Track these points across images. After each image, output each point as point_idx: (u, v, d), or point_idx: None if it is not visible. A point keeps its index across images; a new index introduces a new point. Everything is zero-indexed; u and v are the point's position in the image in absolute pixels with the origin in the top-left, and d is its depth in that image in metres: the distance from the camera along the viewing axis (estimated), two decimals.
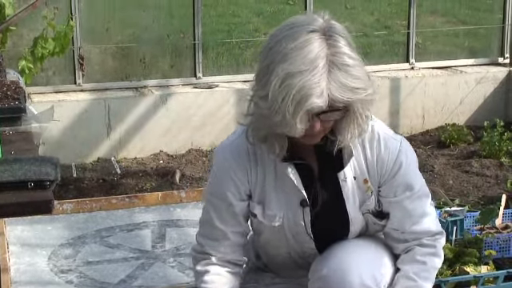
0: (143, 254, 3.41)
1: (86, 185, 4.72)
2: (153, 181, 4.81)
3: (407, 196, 2.24)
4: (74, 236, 3.59)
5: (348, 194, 2.22)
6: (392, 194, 2.24)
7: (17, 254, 3.38)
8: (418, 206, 2.26)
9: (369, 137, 2.20)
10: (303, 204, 2.21)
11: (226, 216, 2.23)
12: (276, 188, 2.21)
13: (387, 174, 2.22)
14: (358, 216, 2.26)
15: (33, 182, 1.93)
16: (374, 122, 2.22)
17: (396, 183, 2.23)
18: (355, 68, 2.02)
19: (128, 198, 3.95)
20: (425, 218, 2.28)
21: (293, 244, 2.28)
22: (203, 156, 5.30)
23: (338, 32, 2.06)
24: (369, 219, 2.28)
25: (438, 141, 5.64)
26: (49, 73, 5.36)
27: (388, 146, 2.21)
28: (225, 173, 2.22)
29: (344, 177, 2.21)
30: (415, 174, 2.27)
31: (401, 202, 2.25)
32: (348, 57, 2.02)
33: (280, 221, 2.23)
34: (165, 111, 5.33)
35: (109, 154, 5.24)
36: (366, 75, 2.06)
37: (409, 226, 2.26)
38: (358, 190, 2.23)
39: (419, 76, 5.97)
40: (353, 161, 2.20)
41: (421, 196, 2.27)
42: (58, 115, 4.42)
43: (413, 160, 2.27)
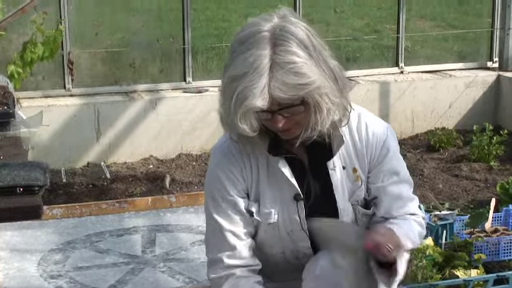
0: (133, 259, 3.40)
1: (75, 190, 4.71)
2: (143, 185, 4.79)
3: (394, 181, 2.28)
4: (63, 241, 3.58)
5: (337, 184, 2.24)
6: (380, 179, 2.28)
7: (6, 260, 3.36)
8: (404, 190, 2.30)
9: (356, 125, 2.25)
10: (297, 198, 2.22)
11: (233, 217, 2.22)
12: (270, 184, 2.22)
13: (375, 160, 2.26)
14: (347, 207, 2.27)
15: (22, 188, 1.92)
16: (361, 111, 2.27)
17: (383, 168, 2.27)
18: (300, 65, 2.03)
19: (118, 203, 3.94)
20: (410, 202, 2.31)
21: (288, 243, 2.27)
22: (193, 160, 5.30)
23: (287, 30, 2.07)
24: (357, 211, 2.29)
25: (428, 145, 5.65)
26: (38, 77, 5.35)
27: (375, 132, 2.26)
28: (222, 173, 2.22)
29: (333, 166, 2.23)
30: (400, 160, 2.31)
31: (388, 187, 2.28)
32: (293, 54, 2.03)
33: (275, 217, 2.23)
34: (154, 116, 5.33)
35: (98, 158, 5.23)
36: (319, 69, 2.07)
37: (396, 210, 2.28)
38: (347, 179, 2.25)
39: (408, 80, 5.99)
40: (342, 150, 2.23)
41: (406, 181, 2.31)
42: (48, 120, 4.40)
43: (397, 146, 2.31)
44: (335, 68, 2.13)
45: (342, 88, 2.12)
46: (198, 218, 3.80)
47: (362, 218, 2.31)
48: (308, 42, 2.09)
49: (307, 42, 2.09)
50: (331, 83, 2.08)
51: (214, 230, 2.24)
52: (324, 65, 2.09)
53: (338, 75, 2.12)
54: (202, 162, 5.26)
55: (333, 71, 2.11)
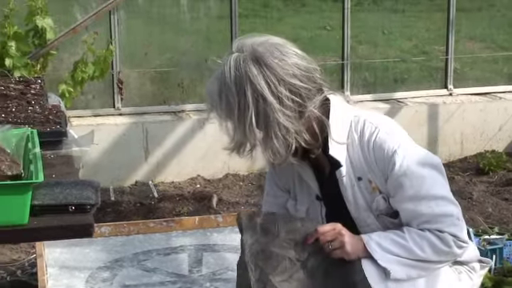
0: (180, 279, 3.41)
1: (123, 208, 4.75)
2: (190, 205, 4.82)
3: (407, 197, 2.28)
4: (111, 259, 3.60)
5: (347, 193, 2.33)
6: (391, 194, 2.31)
7: (55, 277, 3.39)
8: (424, 207, 2.28)
9: (368, 138, 2.31)
10: (318, 198, 2.40)
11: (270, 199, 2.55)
12: (301, 186, 2.43)
13: (386, 174, 2.29)
14: (364, 217, 2.33)
15: (74, 206, 1.94)
16: (380, 125, 2.33)
17: (392, 183, 2.29)
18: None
19: (165, 222, 3.96)
20: (438, 218, 2.28)
21: None
22: (240, 181, 5.30)
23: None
24: (385, 222, 2.33)
25: (477, 168, 5.58)
26: (88, 96, 5.43)
27: (384, 146, 2.29)
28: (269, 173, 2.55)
29: (340, 175, 2.32)
30: (417, 177, 2.28)
31: (400, 203, 2.30)
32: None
33: (304, 214, 2.41)
34: (202, 135, 5.35)
35: (146, 177, 5.27)
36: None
37: (417, 226, 2.29)
38: (364, 190, 2.32)
39: (457, 102, 5.93)
40: (356, 161, 2.31)
41: (428, 197, 2.28)
42: (97, 139, 4.43)
43: (414, 163, 2.29)
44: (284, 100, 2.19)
45: (301, 110, 2.21)
46: None
47: (392, 226, 2.34)
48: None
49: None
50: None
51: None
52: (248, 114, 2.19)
53: (287, 104, 2.19)
54: (249, 183, 5.26)
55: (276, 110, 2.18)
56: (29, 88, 3.31)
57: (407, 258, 2.27)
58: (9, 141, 2.18)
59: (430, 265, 2.32)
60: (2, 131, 2.26)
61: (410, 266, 2.28)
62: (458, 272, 2.45)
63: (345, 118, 2.33)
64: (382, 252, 2.25)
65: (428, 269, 2.32)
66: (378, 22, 6.28)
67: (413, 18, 6.57)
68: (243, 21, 5.67)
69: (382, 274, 2.26)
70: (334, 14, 5.96)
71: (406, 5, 6.47)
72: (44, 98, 3.18)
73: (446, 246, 2.28)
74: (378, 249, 2.26)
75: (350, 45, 5.83)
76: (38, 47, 4.84)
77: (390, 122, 2.40)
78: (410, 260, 2.27)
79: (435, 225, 2.27)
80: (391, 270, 2.24)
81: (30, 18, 4.79)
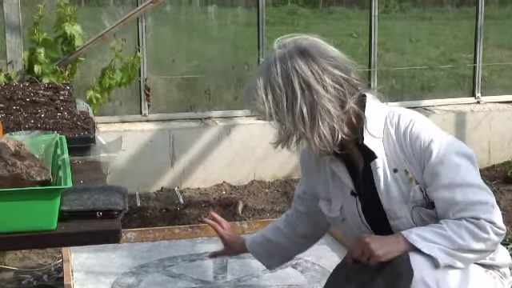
0: (205, 285, 3.42)
1: (149, 214, 4.77)
2: (215, 211, 4.82)
3: (443, 185, 2.33)
4: (137, 265, 3.62)
5: (380, 184, 2.39)
6: (428, 183, 2.35)
7: (81, 282, 3.42)
8: (460, 195, 2.32)
9: (404, 129, 2.38)
10: (353, 193, 2.45)
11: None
12: (334, 183, 2.49)
13: (422, 163, 2.35)
14: (396, 208, 2.38)
15: (101, 212, 1.95)
16: (415, 118, 2.42)
17: (428, 172, 2.35)
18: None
19: (191, 228, 3.97)
20: (473, 206, 2.31)
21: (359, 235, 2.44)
22: (266, 187, 5.31)
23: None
24: (421, 214, 2.37)
25: (505, 176, 5.54)
26: (115, 103, 5.46)
27: (420, 136, 2.37)
28: (302, 167, 2.64)
29: (375, 166, 2.39)
30: (453, 166, 2.34)
31: (436, 192, 2.34)
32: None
33: (338, 212, 2.49)
34: (228, 142, 5.37)
35: (172, 183, 5.29)
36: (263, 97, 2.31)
37: (453, 214, 2.32)
38: (401, 182, 2.37)
39: (485, 110, 5.89)
40: (392, 153, 2.38)
41: (463, 185, 2.33)
42: (124, 145, 4.45)
43: (450, 152, 2.36)
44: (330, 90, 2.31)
45: (343, 100, 2.32)
46: None
47: (427, 219, 2.37)
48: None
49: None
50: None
51: None
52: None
53: (333, 94, 2.31)
54: (275, 189, 5.27)
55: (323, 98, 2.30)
56: (57, 94, 3.34)
57: (448, 247, 2.28)
58: (38, 146, 2.21)
59: (472, 254, 2.33)
60: (32, 137, 2.28)
61: (452, 255, 2.29)
62: (493, 277, 2.47)
63: (380, 112, 2.42)
64: (423, 242, 2.29)
65: (470, 259, 2.34)
66: (405, 30, 6.26)
67: (440, 26, 6.54)
68: (270, 28, 5.68)
69: (429, 263, 2.27)
70: (361, 22, 5.95)
71: (434, 12, 6.44)
72: (72, 105, 3.21)
73: (484, 232, 2.31)
74: (419, 239, 2.29)
75: (377, 52, 5.82)
76: (67, 54, 4.88)
77: (422, 116, 2.48)
78: (451, 249, 2.29)
79: (471, 212, 2.30)
80: (437, 257, 2.26)
81: (59, 24, 4.84)
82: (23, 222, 1.85)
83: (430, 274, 2.27)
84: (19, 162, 1.95)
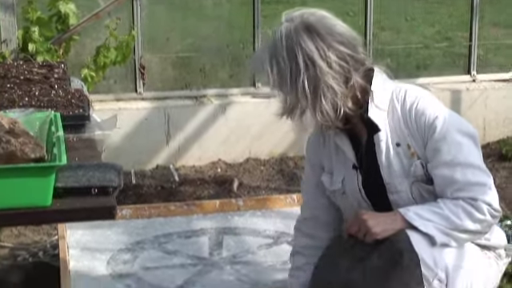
0: (200, 261, 3.43)
1: (144, 191, 4.78)
2: (211, 189, 4.84)
3: (444, 163, 2.36)
4: (132, 241, 3.63)
5: (381, 157, 2.43)
6: (429, 159, 2.39)
7: (76, 258, 3.43)
8: (459, 174, 2.35)
9: (410, 105, 2.43)
10: (355, 167, 2.51)
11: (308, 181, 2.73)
12: (337, 157, 2.55)
13: (426, 139, 2.39)
14: (396, 182, 2.42)
15: (96, 188, 1.97)
16: (421, 94, 2.47)
17: (430, 148, 2.39)
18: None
19: (186, 206, 3.98)
20: (471, 186, 2.35)
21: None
22: (261, 165, 5.32)
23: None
24: (420, 189, 2.40)
25: (499, 154, 5.55)
26: (110, 81, 5.45)
27: (426, 112, 2.41)
28: (308, 147, 2.69)
29: (378, 139, 2.43)
30: (456, 144, 2.38)
31: (436, 169, 2.38)
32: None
33: (340, 184, 2.55)
34: (224, 120, 5.37)
35: (167, 161, 5.30)
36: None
37: (451, 193, 2.35)
38: (403, 156, 2.41)
39: (480, 88, 5.90)
40: (396, 127, 2.42)
41: (464, 164, 2.36)
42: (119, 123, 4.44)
43: (454, 130, 2.39)
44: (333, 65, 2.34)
45: (348, 76, 2.36)
46: (266, 222, 3.82)
47: (426, 195, 2.41)
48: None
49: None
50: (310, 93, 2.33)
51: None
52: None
53: (337, 70, 2.34)
54: (270, 167, 5.28)
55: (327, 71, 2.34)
56: (52, 72, 3.33)
57: (445, 226, 2.30)
58: (32, 124, 2.22)
59: (466, 234, 2.36)
60: (26, 115, 2.29)
61: (448, 235, 2.32)
62: (488, 257, 2.50)
63: (387, 87, 2.47)
64: (420, 220, 2.31)
65: (464, 239, 2.37)
66: (401, 8, 6.25)
67: (436, 4, 6.53)
68: (265, 7, 5.66)
69: (426, 241, 2.30)
70: (357, 0, 5.93)
71: None
72: (67, 83, 3.21)
73: (481, 213, 2.34)
74: (417, 217, 2.33)
75: (373, 31, 5.81)
76: (61, 32, 4.87)
77: (429, 93, 2.53)
78: (447, 229, 2.31)
79: (468, 193, 2.33)
80: (433, 235, 2.28)
81: (53, 3, 4.82)
82: (18, 199, 1.86)
83: (426, 252, 2.29)
84: (13, 140, 1.96)
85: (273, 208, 3.97)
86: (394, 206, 2.47)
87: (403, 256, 2.26)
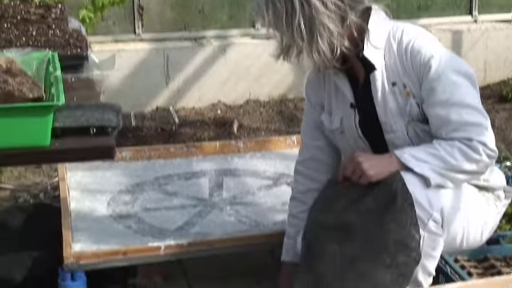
0: (200, 202, 3.44)
1: (144, 133, 4.78)
2: (210, 130, 4.84)
3: (438, 102, 2.37)
4: (132, 183, 3.64)
5: (377, 96, 2.45)
6: (424, 98, 2.40)
7: (77, 200, 3.44)
8: (454, 114, 2.35)
9: (406, 44, 2.43)
10: (352, 106, 2.53)
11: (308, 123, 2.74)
12: (336, 96, 2.57)
13: (421, 78, 2.39)
14: (392, 122, 2.43)
15: (95, 128, 1.95)
16: (418, 34, 2.46)
17: (426, 87, 2.39)
18: None
19: (186, 147, 3.98)
20: (467, 126, 2.35)
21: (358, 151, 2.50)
22: (261, 106, 5.31)
23: None
24: (416, 129, 2.42)
25: (500, 95, 5.54)
26: (109, 22, 5.40)
27: (422, 51, 2.40)
28: (308, 85, 2.71)
29: (374, 78, 2.45)
30: (451, 84, 2.37)
31: (431, 108, 2.38)
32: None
33: (338, 123, 2.57)
34: (223, 62, 5.34)
35: (167, 103, 5.29)
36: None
37: (446, 134, 2.36)
38: (399, 95, 2.42)
39: (482, 29, 5.85)
40: (392, 67, 2.42)
41: (460, 105, 2.36)
42: (118, 64, 4.42)
43: (450, 70, 2.38)
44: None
45: (344, 16, 2.36)
46: (265, 164, 3.82)
47: (422, 134, 2.41)
48: None
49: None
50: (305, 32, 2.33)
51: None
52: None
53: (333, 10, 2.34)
54: (270, 109, 5.27)
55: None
56: (49, 12, 3.29)
57: (440, 167, 2.30)
58: (29, 64, 2.19)
59: (463, 175, 2.36)
60: (23, 54, 2.26)
61: (444, 175, 2.32)
62: (486, 198, 2.50)
63: (384, 25, 2.47)
64: (416, 161, 2.31)
65: (461, 180, 2.37)
66: None
67: None
68: None
69: (421, 182, 2.30)
70: None
71: None
72: (64, 23, 3.17)
73: (476, 153, 2.33)
74: (412, 159, 2.32)
75: None
76: None
77: (427, 32, 2.52)
78: (443, 169, 2.31)
79: (463, 133, 2.33)
80: (428, 177, 2.28)
81: None
82: (16, 139, 1.85)
83: (421, 193, 2.29)
84: (11, 79, 1.94)
85: (272, 150, 3.97)
86: (390, 145, 2.48)
87: (397, 198, 2.27)
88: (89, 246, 2.97)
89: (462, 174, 2.36)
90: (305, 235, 2.46)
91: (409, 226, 2.26)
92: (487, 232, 2.55)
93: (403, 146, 2.44)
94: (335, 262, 2.29)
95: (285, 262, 2.77)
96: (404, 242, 2.26)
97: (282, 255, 2.79)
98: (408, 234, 2.26)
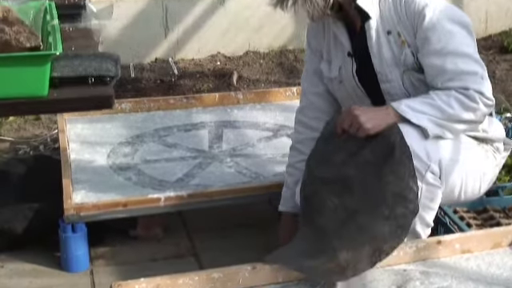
0: (200, 154, 3.44)
1: (143, 85, 4.76)
2: (210, 82, 4.81)
3: (433, 51, 2.35)
4: (132, 135, 3.63)
5: (372, 45, 2.45)
6: (419, 47, 2.39)
7: (77, 152, 3.43)
8: (449, 63, 2.33)
9: None
10: (350, 54, 2.53)
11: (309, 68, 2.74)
12: (335, 45, 2.57)
13: (416, 27, 2.38)
14: (387, 71, 2.43)
15: (93, 78, 1.94)
16: None
17: (420, 36, 2.38)
18: None
19: (185, 99, 3.96)
20: (462, 75, 2.34)
21: (356, 101, 2.53)
22: (260, 58, 5.28)
23: None
24: (411, 78, 2.41)
25: (501, 46, 5.51)
26: None
27: (415, 0, 2.39)
28: (309, 32, 2.72)
29: (369, 27, 2.45)
30: (446, 32, 2.36)
31: (426, 57, 2.37)
32: None
33: (337, 72, 2.57)
34: (222, 12, 5.29)
35: (166, 54, 5.25)
36: None
37: (441, 83, 2.35)
38: (394, 44, 2.42)
39: None
40: (387, 15, 2.42)
41: (455, 54, 2.34)
42: (116, 15, 4.42)
43: (444, 18, 2.37)
44: None
45: None
46: (265, 115, 3.81)
47: (417, 84, 2.41)
48: None
49: None
50: None
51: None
52: None
53: None
54: (270, 60, 5.24)
55: None
56: None
57: (438, 117, 2.29)
58: (26, 13, 2.17)
59: (461, 124, 2.35)
60: (20, 3, 2.24)
61: (442, 126, 2.31)
62: (485, 150, 2.49)
63: None
64: (413, 112, 2.30)
65: (459, 130, 2.36)
66: None
67: None
68: None
69: (419, 134, 2.29)
70: None
71: None
72: None
73: (473, 101, 2.32)
74: (409, 110, 2.31)
75: None
76: None
77: None
78: (440, 119, 2.30)
79: (459, 82, 2.31)
80: (426, 127, 2.28)
81: None
82: (14, 89, 1.84)
83: (419, 145, 2.28)
84: (7, 28, 1.92)
85: (272, 101, 3.95)
86: (386, 95, 2.47)
87: (395, 150, 2.26)
88: (89, 197, 2.97)
89: (459, 123, 2.35)
90: (304, 188, 2.45)
91: (407, 177, 2.25)
92: (485, 184, 2.55)
93: (399, 96, 2.42)
94: (335, 215, 2.29)
95: (283, 212, 2.77)
96: (402, 194, 2.25)
97: (280, 205, 2.79)
98: (406, 186, 2.25)
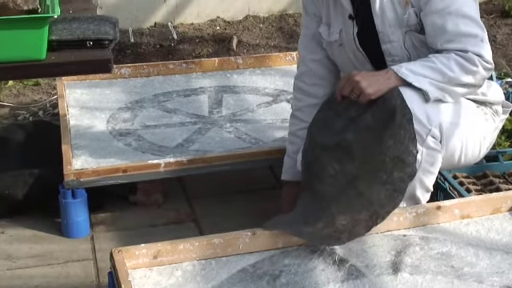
0: (200, 119, 3.43)
1: (143, 50, 4.73)
2: (209, 47, 4.79)
3: (435, 11, 2.34)
4: (131, 100, 3.62)
5: (375, 6, 2.42)
6: (422, 6, 2.37)
7: (76, 117, 3.42)
8: (450, 23, 2.33)
9: None
10: (351, 17, 2.50)
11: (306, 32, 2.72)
12: (335, 8, 2.55)
13: None
14: (389, 32, 2.42)
15: (92, 41, 1.92)
16: None
17: None
18: None
19: (185, 64, 3.94)
20: (462, 37, 2.33)
21: (356, 65, 2.53)
22: (260, 23, 5.24)
23: None
24: (413, 39, 2.40)
25: (502, 10, 5.46)
26: None
27: None
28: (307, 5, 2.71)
29: None
30: None
31: (428, 16, 2.36)
32: None
33: (337, 35, 2.56)
34: None
35: (165, 19, 5.21)
36: None
37: (441, 44, 2.34)
38: (397, 5, 2.40)
39: None
40: None
41: (457, 14, 2.33)
42: None
43: None
44: None
45: None
46: (265, 80, 3.79)
47: (418, 45, 2.40)
48: None
49: None
50: None
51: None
52: None
53: None
54: (270, 25, 5.20)
55: None
56: None
57: (439, 80, 2.29)
58: None
59: (461, 88, 2.34)
60: None
61: (442, 89, 2.31)
62: (484, 113, 2.49)
63: None
64: (414, 76, 2.29)
65: (459, 93, 2.36)
66: None
67: None
68: None
69: (420, 97, 2.29)
70: None
71: None
72: None
73: (473, 64, 2.31)
74: (410, 73, 2.30)
75: None
76: None
77: None
78: (441, 83, 2.29)
79: (459, 44, 2.31)
80: (427, 91, 2.27)
81: None
82: (11, 52, 1.82)
83: (420, 108, 2.27)
84: None
85: (272, 66, 3.94)
86: (387, 55, 2.46)
87: (396, 114, 2.24)
88: (89, 163, 2.97)
89: (459, 86, 2.34)
90: (305, 154, 2.45)
91: (407, 141, 2.24)
92: (485, 148, 2.55)
93: (399, 57, 2.42)
94: (335, 181, 2.28)
95: (285, 181, 2.77)
96: (401, 158, 2.25)
97: (282, 174, 2.78)
98: (405, 149, 2.25)
